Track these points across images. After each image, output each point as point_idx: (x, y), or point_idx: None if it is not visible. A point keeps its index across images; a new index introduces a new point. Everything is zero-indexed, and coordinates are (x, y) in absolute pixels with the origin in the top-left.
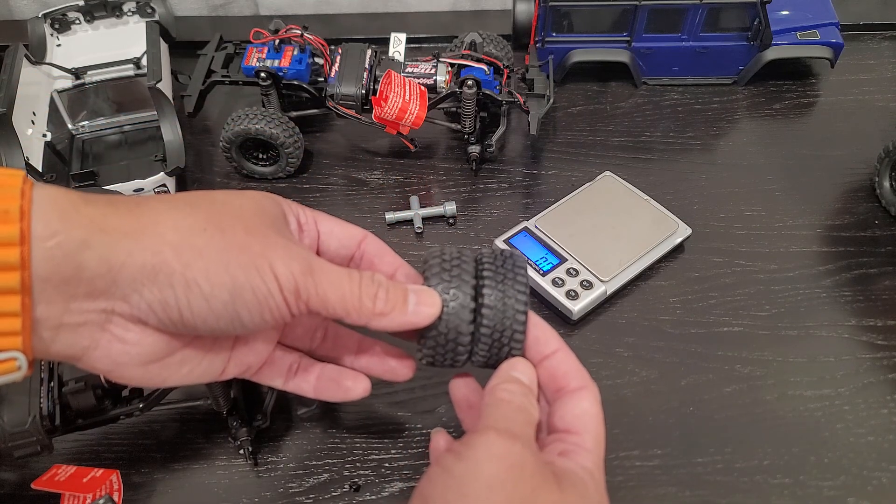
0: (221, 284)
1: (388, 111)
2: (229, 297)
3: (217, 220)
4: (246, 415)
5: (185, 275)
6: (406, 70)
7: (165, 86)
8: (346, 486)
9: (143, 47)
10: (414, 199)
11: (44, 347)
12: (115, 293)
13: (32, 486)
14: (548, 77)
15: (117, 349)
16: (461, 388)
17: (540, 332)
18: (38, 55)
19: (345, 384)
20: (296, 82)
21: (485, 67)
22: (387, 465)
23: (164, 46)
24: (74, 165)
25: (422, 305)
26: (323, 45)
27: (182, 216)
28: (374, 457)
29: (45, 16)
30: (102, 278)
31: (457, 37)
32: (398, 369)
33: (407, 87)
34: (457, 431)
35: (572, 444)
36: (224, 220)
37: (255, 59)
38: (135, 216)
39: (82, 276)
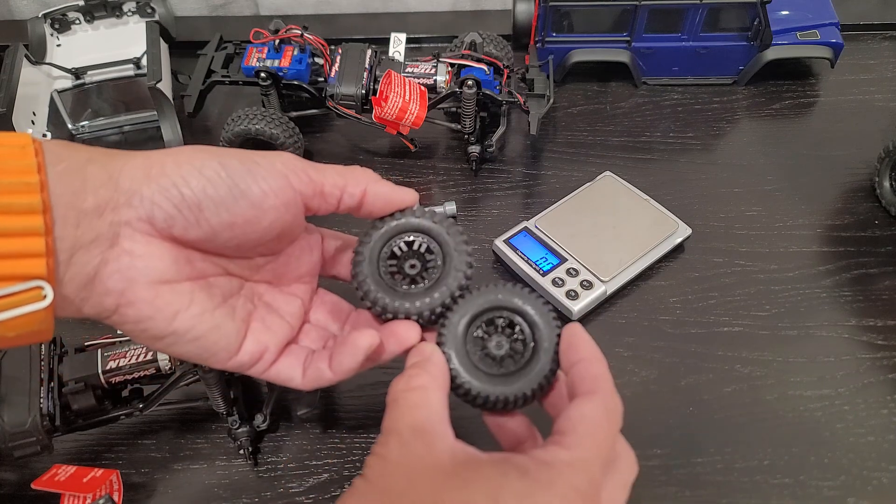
0: (217, 168)
1: (388, 111)
2: (226, 174)
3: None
4: (246, 415)
5: (178, 159)
6: (406, 70)
7: (165, 86)
8: (346, 486)
9: (143, 47)
10: None
11: (61, 273)
12: (119, 200)
13: (32, 486)
14: (548, 77)
15: (126, 263)
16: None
17: (574, 339)
18: (38, 55)
19: (354, 342)
20: (296, 82)
21: (485, 67)
22: None
23: (164, 46)
24: None
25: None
26: (323, 45)
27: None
28: None
29: (45, 16)
30: (105, 186)
31: (457, 37)
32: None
33: (407, 87)
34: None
35: (552, 441)
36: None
37: (255, 59)
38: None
39: (87, 187)
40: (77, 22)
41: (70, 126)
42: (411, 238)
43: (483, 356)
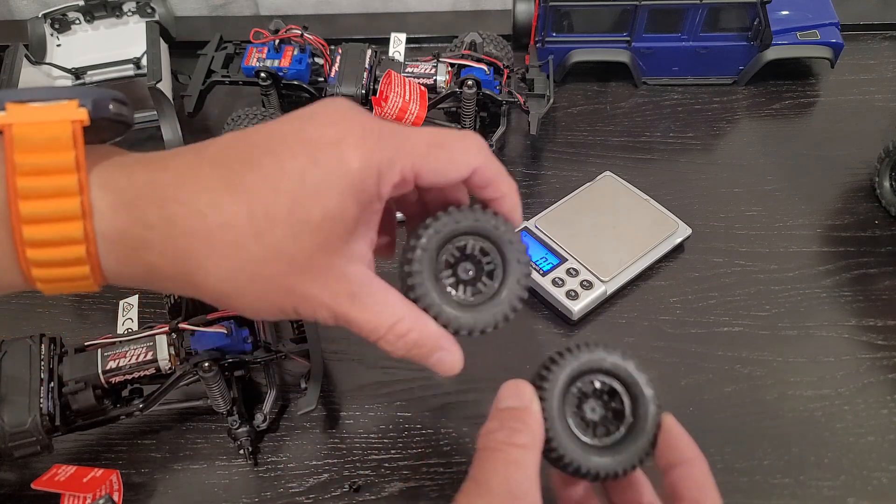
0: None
1: (388, 111)
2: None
3: (262, 211)
4: (246, 415)
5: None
6: (406, 70)
7: (165, 86)
8: (346, 486)
9: (143, 47)
10: None
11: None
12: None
13: (32, 486)
14: (548, 77)
15: None
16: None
17: (675, 435)
18: (38, 55)
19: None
20: (296, 82)
21: (485, 67)
22: (387, 465)
23: (164, 46)
24: None
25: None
26: (323, 45)
27: (221, 201)
28: (374, 457)
29: (45, 16)
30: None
31: (457, 37)
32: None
33: (407, 87)
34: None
35: None
36: (271, 213)
37: (255, 59)
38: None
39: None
40: (77, 22)
41: None
42: (464, 243)
43: (577, 418)
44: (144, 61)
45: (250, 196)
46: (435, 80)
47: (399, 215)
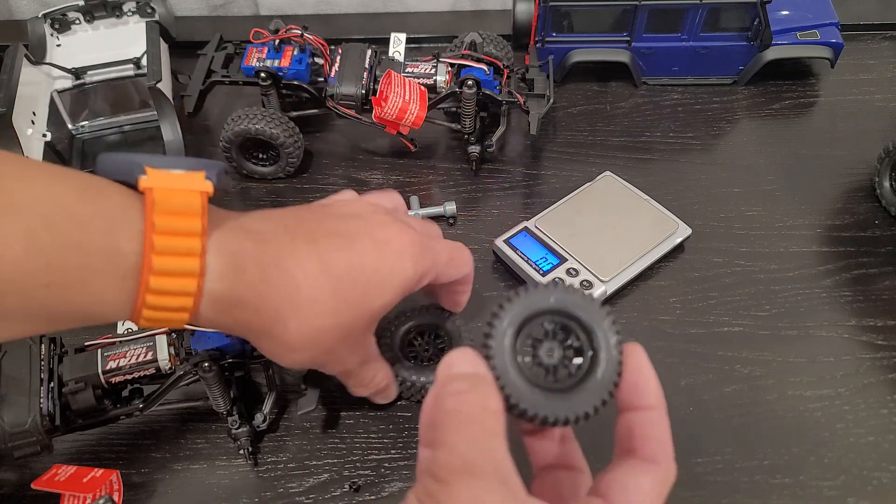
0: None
1: (388, 111)
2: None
3: (342, 292)
4: (246, 415)
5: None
6: (406, 70)
7: (165, 86)
8: (346, 486)
9: (143, 47)
10: (414, 199)
11: None
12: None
13: (32, 486)
14: (548, 77)
15: None
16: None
17: (641, 380)
18: (38, 55)
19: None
20: (296, 82)
21: (485, 67)
22: (387, 465)
23: (164, 46)
24: (74, 166)
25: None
26: (323, 45)
27: (311, 270)
28: (374, 457)
29: (45, 16)
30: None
31: (457, 37)
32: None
33: (407, 87)
34: None
35: None
36: (347, 296)
37: (255, 59)
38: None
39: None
40: (77, 22)
41: (70, 126)
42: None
43: (534, 366)
44: (144, 61)
45: (336, 279)
46: (435, 80)
47: None
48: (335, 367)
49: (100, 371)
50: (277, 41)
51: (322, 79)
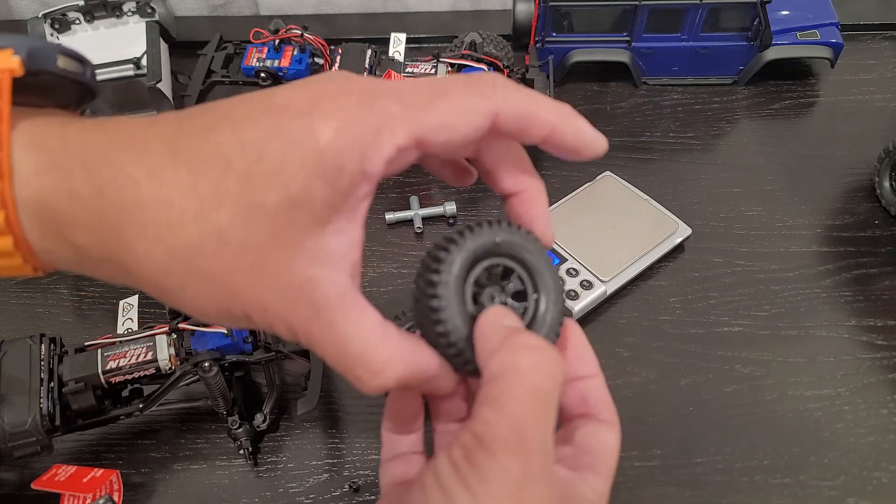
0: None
1: None
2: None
3: (209, 187)
4: (246, 415)
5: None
6: (406, 70)
7: (165, 86)
8: (346, 486)
9: (143, 47)
10: (414, 199)
11: None
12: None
13: (32, 486)
14: (548, 77)
15: None
16: None
17: (583, 349)
18: None
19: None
20: None
21: (485, 67)
22: None
23: (164, 46)
24: None
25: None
26: (323, 45)
27: (162, 169)
28: (374, 457)
29: (45, 16)
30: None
31: (457, 37)
32: None
33: None
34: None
35: (587, 463)
36: (219, 191)
37: (255, 59)
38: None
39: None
40: (77, 22)
41: None
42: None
43: (478, 313)
44: (144, 61)
45: (197, 167)
46: None
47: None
48: (273, 323)
49: (100, 371)
50: (277, 41)
51: None
